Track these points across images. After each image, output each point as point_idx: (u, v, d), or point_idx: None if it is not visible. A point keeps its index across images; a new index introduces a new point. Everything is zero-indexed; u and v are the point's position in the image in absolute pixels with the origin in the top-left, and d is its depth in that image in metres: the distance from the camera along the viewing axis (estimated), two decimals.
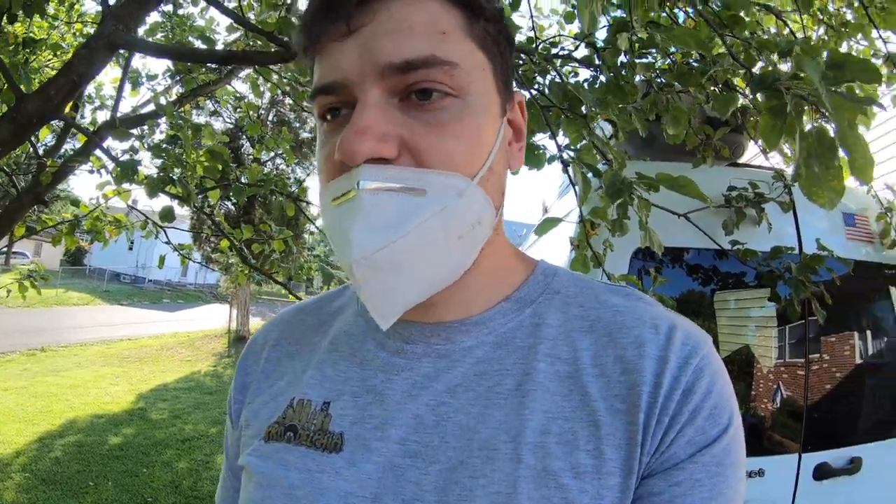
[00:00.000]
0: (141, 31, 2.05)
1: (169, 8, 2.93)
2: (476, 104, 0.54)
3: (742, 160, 2.82)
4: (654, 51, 1.92)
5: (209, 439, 6.88)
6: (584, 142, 1.68)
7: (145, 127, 2.55)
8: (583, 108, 1.68)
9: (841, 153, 0.97)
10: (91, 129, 2.20)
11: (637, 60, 1.93)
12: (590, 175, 1.55)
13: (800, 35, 2.60)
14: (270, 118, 14.29)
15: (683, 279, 2.27)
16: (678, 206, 1.93)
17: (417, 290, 0.54)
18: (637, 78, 1.92)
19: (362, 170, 0.50)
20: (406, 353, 0.61)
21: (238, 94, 4.58)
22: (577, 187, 1.60)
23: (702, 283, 2.31)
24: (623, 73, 1.82)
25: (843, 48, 2.56)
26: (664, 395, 0.53)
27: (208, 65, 2.80)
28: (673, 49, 1.97)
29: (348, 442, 0.57)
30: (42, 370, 10.50)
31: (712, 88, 1.93)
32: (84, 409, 7.96)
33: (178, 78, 2.85)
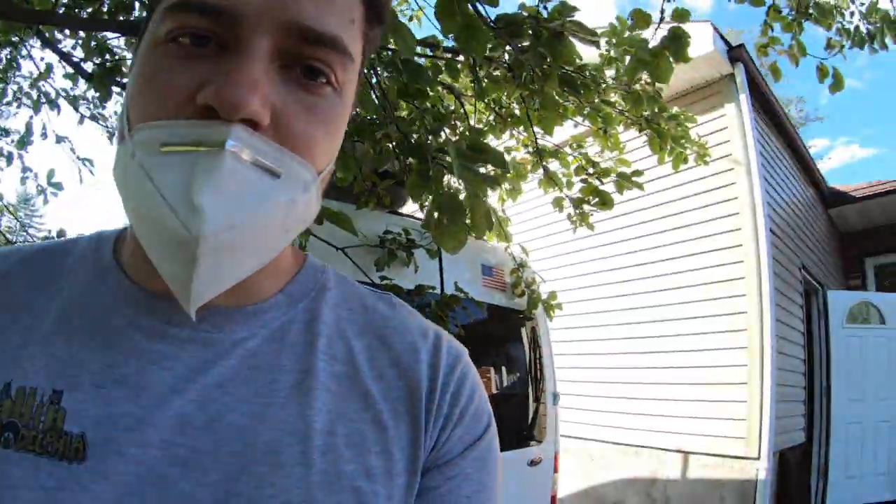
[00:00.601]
0: None
1: None
2: (345, 105, 0.51)
3: (404, 210, 3.18)
4: None
5: None
6: None
7: None
8: None
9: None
10: None
11: None
12: None
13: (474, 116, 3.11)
14: None
15: None
16: (339, 242, 2.16)
17: (236, 278, 0.47)
18: None
19: (235, 129, 0.41)
20: (167, 336, 0.50)
21: None
22: None
23: None
24: None
25: (507, 135, 3.13)
26: (437, 397, 0.55)
27: None
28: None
29: (93, 446, 0.44)
30: None
31: (388, 145, 2.13)
32: None
33: None
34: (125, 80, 2.41)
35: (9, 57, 3.73)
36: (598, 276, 5.86)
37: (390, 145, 2.09)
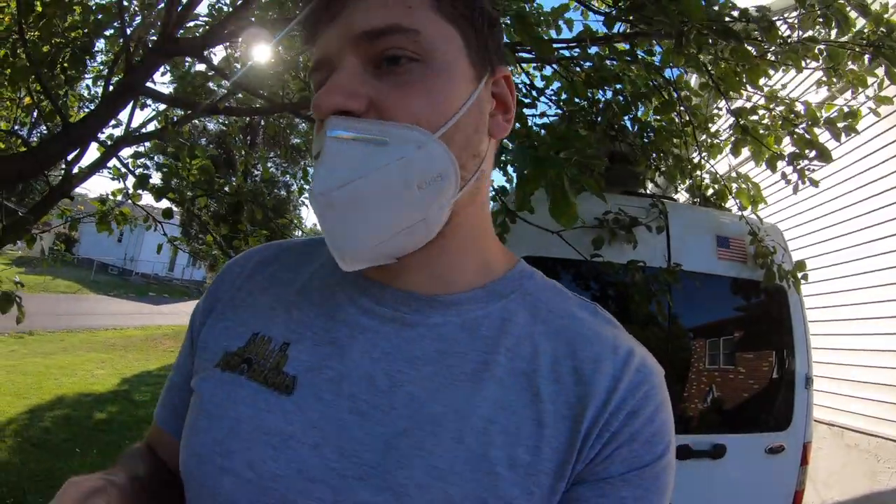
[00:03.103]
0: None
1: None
2: (441, 68, 0.57)
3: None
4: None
5: None
6: None
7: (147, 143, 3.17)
8: None
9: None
10: (109, 143, 2.80)
11: None
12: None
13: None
14: (262, 123, 14.85)
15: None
16: (555, 226, 2.25)
17: (378, 234, 0.56)
18: None
19: (330, 121, 0.54)
20: (374, 314, 0.62)
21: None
22: None
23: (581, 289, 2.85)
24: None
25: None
26: (610, 411, 0.55)
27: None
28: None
29: (300, 387, 0.57)
30: (30, 352, 10.77)
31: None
32: (72, 387, 8.36)
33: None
34: None
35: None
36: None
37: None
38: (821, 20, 2.11)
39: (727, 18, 1.72)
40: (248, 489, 0.54)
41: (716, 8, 1.74)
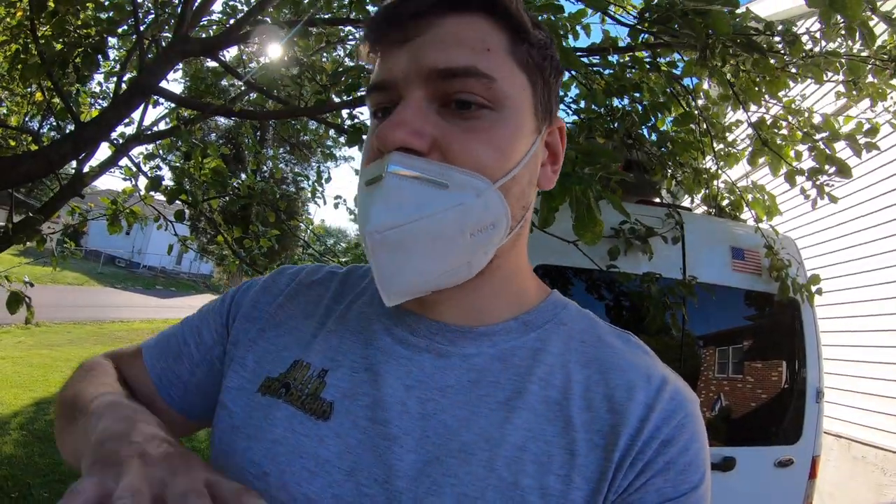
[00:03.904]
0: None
1: None
2: (510, 118, 0.57)
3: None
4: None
5: None
6: None
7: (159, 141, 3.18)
8: None
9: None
10: (120, 141, 2.79)
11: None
12: None
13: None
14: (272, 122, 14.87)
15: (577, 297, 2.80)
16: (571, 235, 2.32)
17: (425, 276, 0.57)
18: None
19: (392, 156, 0.54)
20: (409, 344, 0.63)
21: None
22: None
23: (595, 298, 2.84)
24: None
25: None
26: (643, 440, 0.54)
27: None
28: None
29: (337, 413, 0.58)
30: (36, 343, 10.82)
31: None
32: None
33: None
34: None
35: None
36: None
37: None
38: (843, 32, 2.08)
39: (751, 31, 1.70)
40: None
41: (738, 20, 1.72)
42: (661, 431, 0.55)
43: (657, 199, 3.33)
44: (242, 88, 2.99)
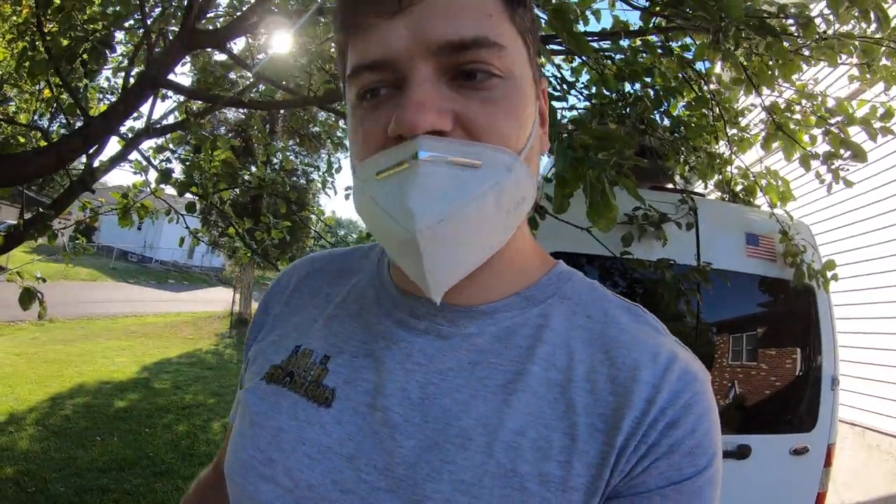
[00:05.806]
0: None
1: None
2: (520, 86, 0.55)
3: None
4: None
5: (207, 408, 7.33)
6: None
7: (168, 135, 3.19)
8: None
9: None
10: (130, 135, 2.78)
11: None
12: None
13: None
14: (282, 112, 14.87)
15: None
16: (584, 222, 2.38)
17: (473, 262, 0.54)
18: None
19: (420, 141, 0.49)
20: (409, 326, 0.61)
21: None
22: None
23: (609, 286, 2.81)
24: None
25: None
26: (648, 423, 0.52)
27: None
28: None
29: (338, 400, 0.58)
30: (50, 339, 10.98)
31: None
32: (92, 375, 8.48)
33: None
34: None
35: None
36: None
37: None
38: (856, 15, 2.04)
39: (764, 14, 1.67)
40: (285, 497, 0.56)
41: (751, 2, 1.69)
42: (667, 413, 0.53)
43: (670, 185, 3.30)
44: (251, 80, 2.97)
